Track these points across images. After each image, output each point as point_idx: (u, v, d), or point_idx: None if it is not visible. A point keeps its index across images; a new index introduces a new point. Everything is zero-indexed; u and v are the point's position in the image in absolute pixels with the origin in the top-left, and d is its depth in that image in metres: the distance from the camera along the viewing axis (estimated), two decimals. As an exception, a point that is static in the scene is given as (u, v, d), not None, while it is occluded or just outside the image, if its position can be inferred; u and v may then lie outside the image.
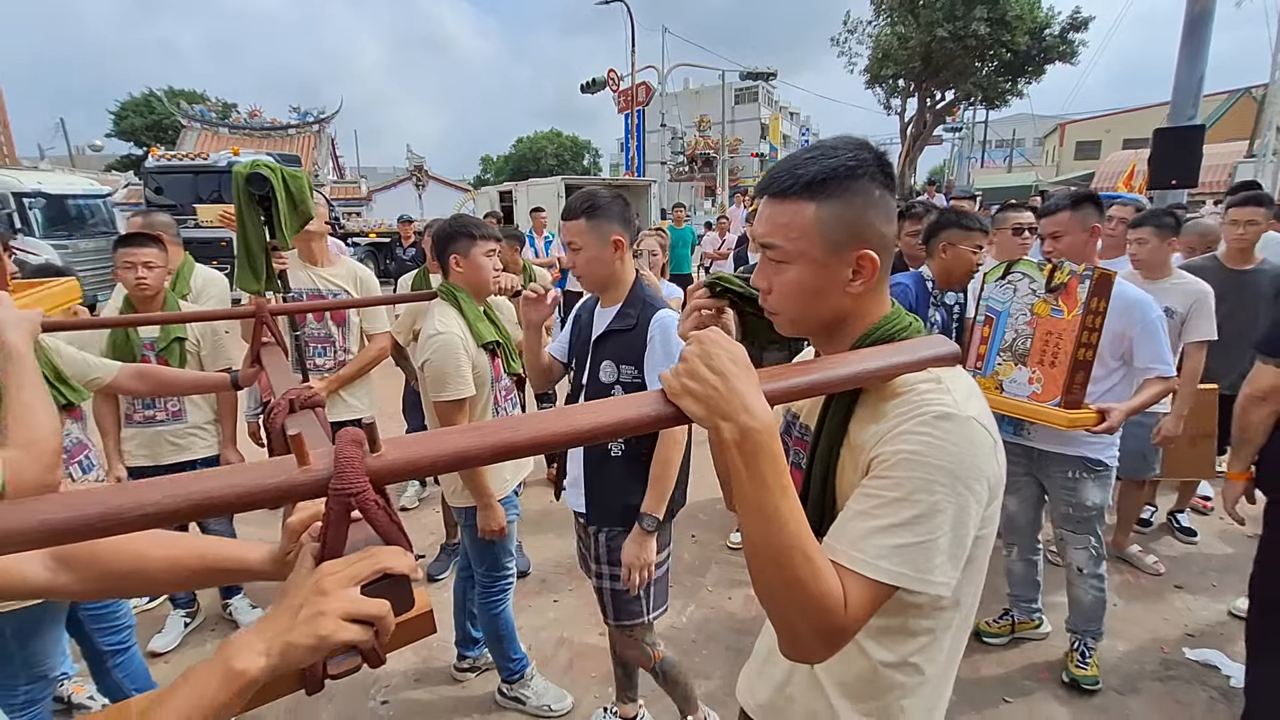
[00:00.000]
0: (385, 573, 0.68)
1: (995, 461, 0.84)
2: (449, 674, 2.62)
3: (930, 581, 0.78)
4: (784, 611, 0.76)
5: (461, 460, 0.74)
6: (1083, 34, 20.49)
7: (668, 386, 0.75)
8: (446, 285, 2.24)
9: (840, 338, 0.92)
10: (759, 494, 0.72)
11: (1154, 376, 2.22)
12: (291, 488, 0.68)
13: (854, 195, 0.85)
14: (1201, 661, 2.57)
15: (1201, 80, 7.43)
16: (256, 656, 0.62)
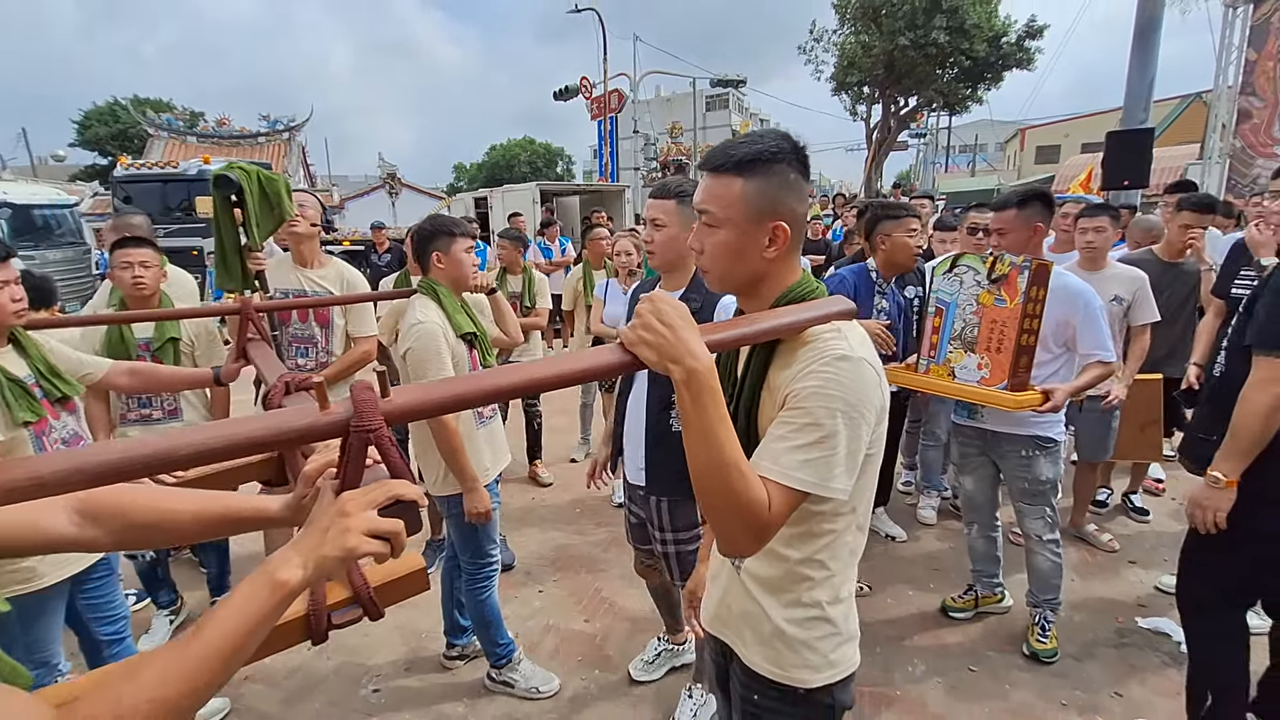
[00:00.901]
0: (398, 499, 0.77)
1: (880, 393, 1.04)
2: (438, 662, 2.68)
3: (831, 488, 0.98)
4: (722, 514, 0.94)
5: (460, 402, 0.85)
6: (1039, 41, 21.20)
7: (625, 338, 0.91)
8: (426, 281, 2.33)
9: (760, 298, 1.11)
10: (702, 421, 0.89)
11: (1094, 361, 2.38)
12: (317, 427, 0.77)
13: (773, 175, 1.04)
14: (1153, 629, 2.74)
15: (1151, 85, 7.78)
16: (295, 569, 0.71)
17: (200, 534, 1.01)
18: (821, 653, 1.15)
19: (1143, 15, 7.44)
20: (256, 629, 0.70)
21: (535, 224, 9.59)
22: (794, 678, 1.16)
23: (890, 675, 2.52)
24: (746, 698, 1.23)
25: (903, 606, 2.97)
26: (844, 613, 1.17)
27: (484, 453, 2.38)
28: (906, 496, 4.02)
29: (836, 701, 1.18)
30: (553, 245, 8.24)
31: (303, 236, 2.90)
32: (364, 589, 1.34)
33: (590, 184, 17.37)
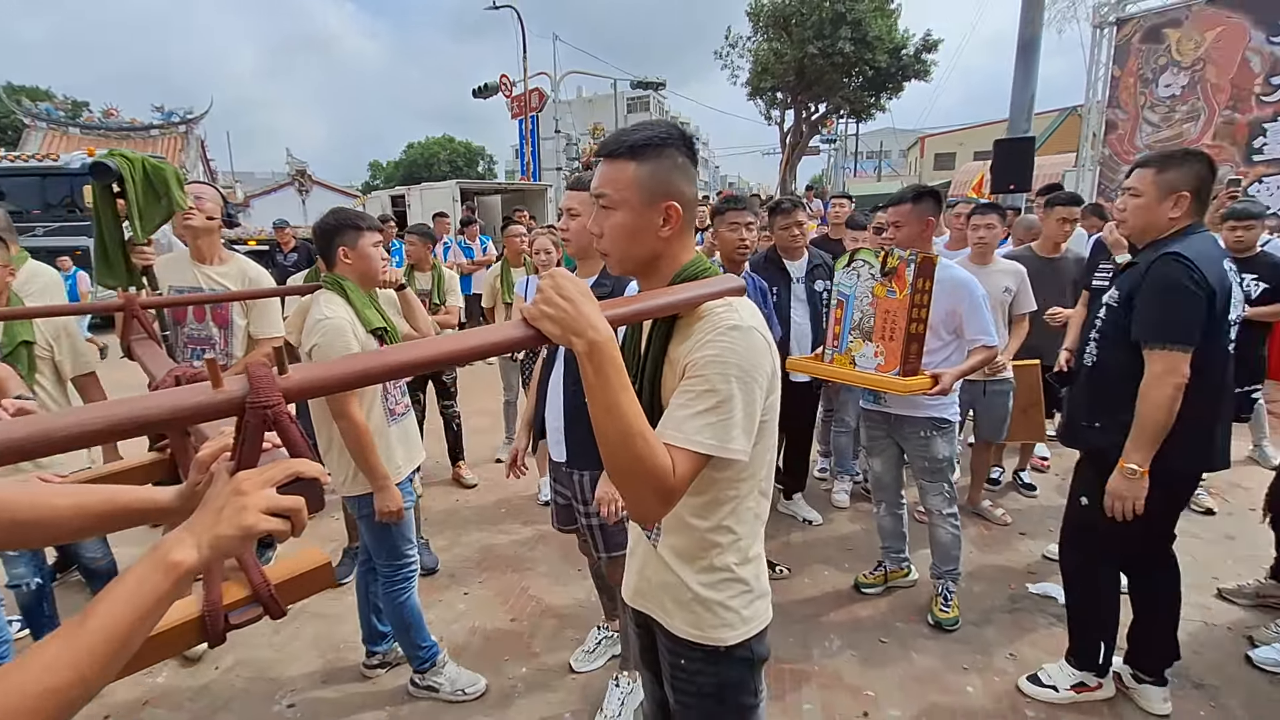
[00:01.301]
0: (298, 475, 0.75)
1: (770, 360, 1.10)
2: (358, 672, 2.59)
3: (731, 449, 1.04)
4: (630, 480, 0.98)
5: (363, 377, 0.83)
6: (934, 55, 22.66)
7: (527, 313, 0.93)
8: (331, 276, 2.24)
9: (658, 277, 1.18)
10: (606, 392, 0.93)
11: (979, 346, 2.58)
12: (210, 405, 0.73)
13: (664, 159, 1.11)
14: (1041, 593, 2.98)
15: (1033, 99, 8.47)
16: (189, 549, 0.68)
17: (82, 529, 0.94)
18: (736, 610, 1.22)
19: (1024, 34, 8.09)
20: (148, 615, 0.66)
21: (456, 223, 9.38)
22: (714, 637, 1.21)
23: (809, 651, 2.63)
24: (674, 663, 1.28)
25: (819, 586, 3.10)
26: (754, 572, 1.24)
27: (396, 450, 2.32)
28: (822, 482, 4.20)
29: (755, 654, 1.26)
30: (474, 244, 8.09)
31: (199, 230, 2.72)
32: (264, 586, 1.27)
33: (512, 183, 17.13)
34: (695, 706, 1.29)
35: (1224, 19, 6.93)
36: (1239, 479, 4.11)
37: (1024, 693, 2.36)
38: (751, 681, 1.28)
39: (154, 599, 0.66)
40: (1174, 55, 7.38)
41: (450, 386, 4.33)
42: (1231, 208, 3.69)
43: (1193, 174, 1.97)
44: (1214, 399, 1.99)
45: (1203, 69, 7.13)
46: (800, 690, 2.42)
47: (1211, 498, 3.72)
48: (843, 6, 20.52)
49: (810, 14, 20.97)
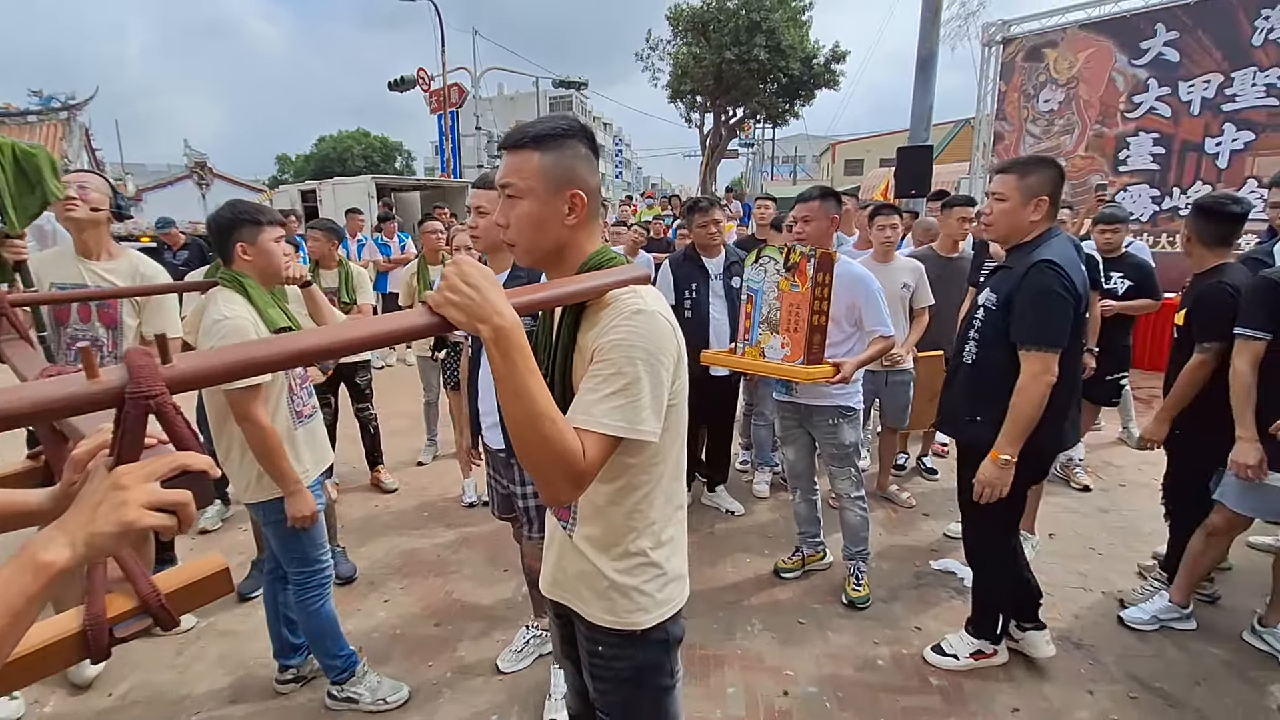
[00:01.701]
0: (184, 469, 0.70)
1: (675, 343, 1.13)
2: (270, 689, 2.46)
3: (640, 430, 1.06)
4: (541, 464, 0.99)
5: (254, 366, 0.79)
6: (842, 65, 23.73)
7: (432, 301, 0.92)
8: (230, 272, 2.12)
9: (565, 267, 1.19)
10: (513, 377, 0.93)
11: (877, 336, 2.74)
12: (85, 397, 0.68)
13: (567, 149, 1.13)
14: (942, 569, 3.19)
15: (931, 110, 9.03)
16: (62, 548, 0.63)
17: None
18: (650, 594, 1.24)
19: (922, 50, 8.62)
20: (16, 619, 0.61)
21: (372, 219, 9.04)
22: (630, 622, 1.24)
23: (732, 636, 2.72)
24: (591, 650, 1.30)
25: (741, 573, 3.20)
26: (667, 555, 1.26)
27: (304, 453, 2.23)
28: (744, 474, 4.33)
29: (670, 635, 1.29)
30: (391, 241, 7.82)
31: (83, 223, 2.52)
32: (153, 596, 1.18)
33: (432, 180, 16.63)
34: (614, 691, 1.31)
35: (1094, 42, 7.64)
36: (1110, 458, 4.55)
37: (929, 662, 2.53)
38: (667, 663, 1.31)
39: (22, 601, 0.61)
40: (1052, 73, 8.07)
41: (365, 389, 4.18)
42: (1101, 212, 4.08)
43: (1049, 179, 2.16)
44: (1070, 388, 2.22)
45: (1076, 86, 7.84)
46: (724, 674, 2.50)
47: (1087, 476, 4.09)
48: (758, 15, 21.16)
49: (727, 21, 21.51)
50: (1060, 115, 8.06)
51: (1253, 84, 6.52)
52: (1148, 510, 3.63)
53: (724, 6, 21.72)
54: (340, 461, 4.30)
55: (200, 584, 1.17)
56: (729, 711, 2.32)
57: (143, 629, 1.15)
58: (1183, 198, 7.04)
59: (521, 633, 2.64)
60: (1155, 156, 7.30)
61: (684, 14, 22.45)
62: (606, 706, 1.34)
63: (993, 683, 2.44)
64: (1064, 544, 3.42)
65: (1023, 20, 8.53)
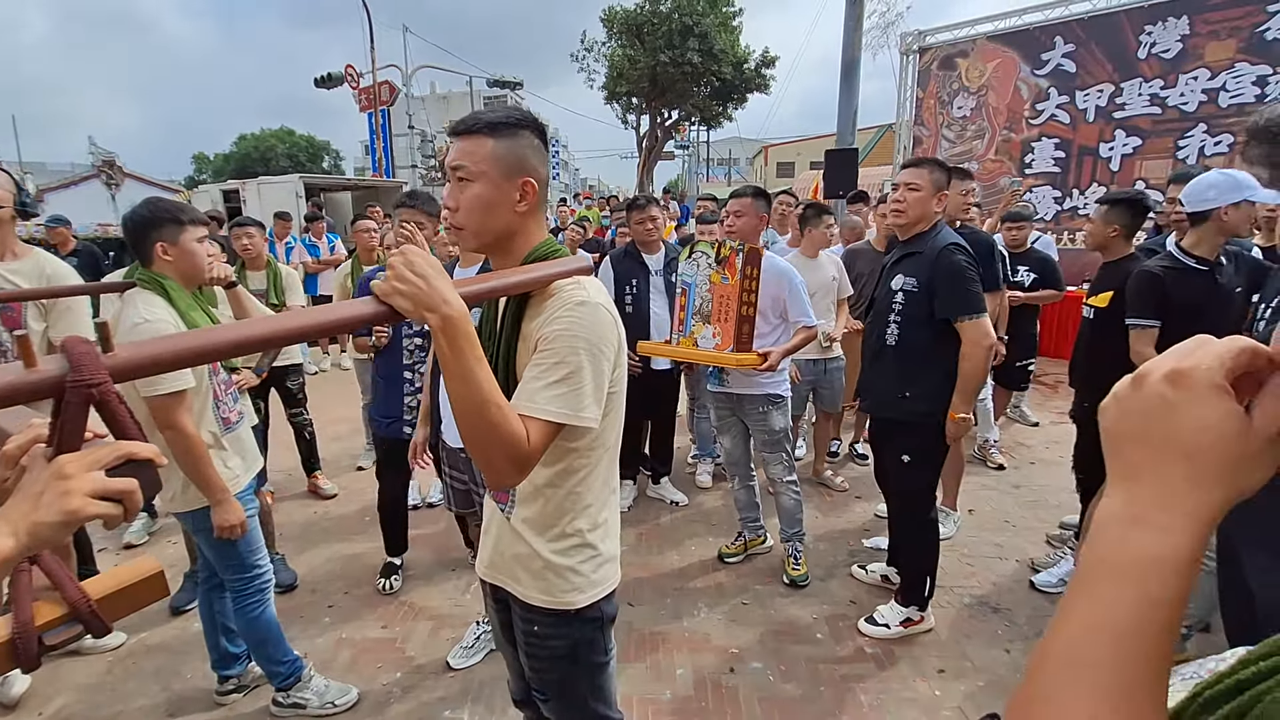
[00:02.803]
0: (129, 457, 0.69)
1: (616, 334, 1.18)
2: (210, 701, 2.40)
3: (582, 417, 1.11)
4: (486, 449, 1.02)
5: (200, 355, 0.79)
6: (772, 70, 24.51)
7: (379, 290, 0.93)
8: (149, 274, 2.04)
9: (512, 255, 1.22)
10: (460, 364, 0.96)
11: (800, 326, 2.90)
12: (25, 385, 0.66)
13: (519, 138, 1.17)
14: (873, 546, 3.38)
15: (856, 114, 9.44)
16: (4, 538, 0.62)
17: None
18: (585, 574, 1.28)
19: (846, 57, 9.01)
20: None
21: (300, 220, 8.73)
22: (564, 601, 1.28)
23: (680, 620, 2.81)
24: (526, 630, 1.34)
25: (687, 560, 3.31)
26: (602, 536, 1.30)
27: (232, 460, 2.18)
28: (687, 466, 4.45)
29: (604, 614, 1.33)
30: (320, 242, 7.59)
31: None
32: (83, 601, 1.13)
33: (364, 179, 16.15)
34: (549, 670, 1.35)
35: (1000, 53, 8.17)
36: (1022, 438, 4.90)
37: (863, 632, 2.69)
38: (601, 641, 1.35)
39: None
40: (964, 81, 8.58)
41: (298, 393, 4.06)
42: (1008, 211, 4.41)
43: (945, 176, 2.50)
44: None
45: (986, 94, 8.36)
46: (672, 655, 2.58)
47: (1002, 455, 4.40)
48: (690, 19, 21.55)
49: (661, 24, 21.81)
50: (972, 121, 8.58)
51: (1139, 94, 7.13)
52: (1056, 485, 3.94)
53: (657, 10, 22.01)
54: (276, 469, 4.17)
55: (133, 588, 1.12)
56: (678, 690, 2.41)
57: (74, 636, 1.11)
58: (1081, 198, 7.61)
59: (472, 629, 2.65)
60: (1056, 160, 7.86)
61: (618, 16, 22.62)
62: (543, 685, 1.38)
63: (921, 647, 2.62)
64: (982, 519, 3.68)
65: (937, 31, 9.03)
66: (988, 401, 4.21)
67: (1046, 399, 5.78)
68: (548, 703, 1.39)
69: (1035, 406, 5.40)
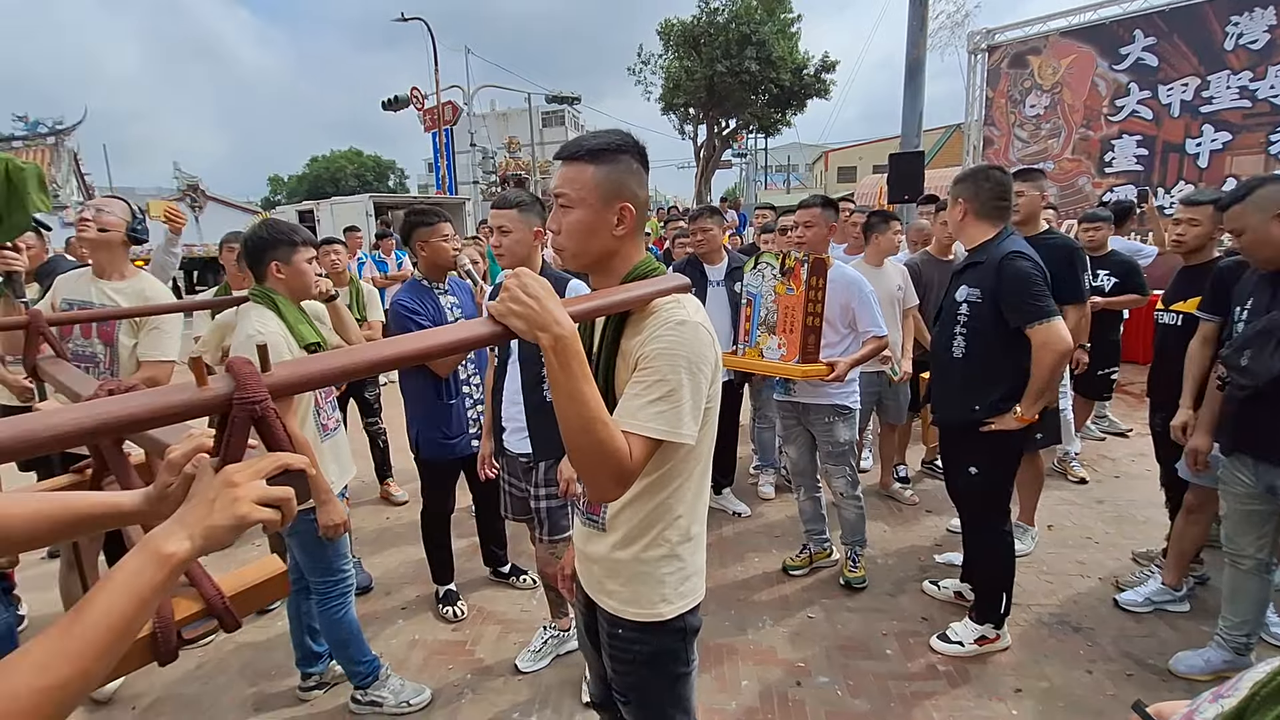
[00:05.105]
0: (285, 468, 0.76)
1: (713, 352, 1.20)
2: (293, 696, 2.52)
3: (681, 434, 1.13)
4: (591, 464, 1.06)
5: (343, 373, 0.86)
6: (832, 75, 24.11)
7: (495, 311, 0.99)
8: (261, 289, 2.19)
9: (611, 275, 1.26)
10: (570, 382, 1.00)
11: (870, 336, 2.85)
12: (198, 403, 0.75)
13: (619, 164, 1.20)
14: (945, 562, 3.27)
15: (921, 116, 9.19)
16: (182, 540, 0.68)
17: (37, 537, 0.89)
18: (672, 586, 1.30)
19: (910, 59, 8.78)
20: (144, 606, 0.66)
21: (370, 238, 9.15)
22: (651, 612, 1.30)
23: (744, 631, 2.79)
24: (611, 634, 1.37)
25: (750, 572, 3.28)
26: (691, 550, 1.32)
27: (330, 466, 2.30)
28: (749, 477, 4.40)
29: (688, 625, 1.35)
30: (389, 259, 7.92)
31: (95, 243, 2.57)
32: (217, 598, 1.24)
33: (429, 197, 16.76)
34: (630, 673, 1.37)
35: (1075, 48, 7.83)
36: (1106, 450, 4.64)
37: (935, 650, 2.60)
38: (684, 652, 1.37)
39: (150, 590, 0.66)
40: (1037, 79, 8.26)
41: (374, 403, 4.25)
42: (1085, 211, 4.21)
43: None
44: None
45: (1060, 92, 8.02)
46: (737, 667, 2.57)
47: (1083, 469, 4.18)
48: (748, 28, 21.49)
49: (718, 35, 21.85)
50: (1046, 120, 8.23)
51: (1226, 86, 6.70)
52: (1142, 500, 3.72)
53: (714, 20, 22.06)
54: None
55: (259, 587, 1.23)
56: (743, 702, 2.39)
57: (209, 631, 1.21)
58: (1167, 197, 7.19)
59: (539, 633, 2.70)
60: (1139, 158, 7.46)
61: (674, 28, 22.78)
62: (623, 688, 1.40)
63: (996, 665, 2.52)
64: (1062, 534, 3.51)
65: (1006, 29, 8.72)
66: (1068, 413, 4.01)
67: (1132, 409, 5.45)
68: (628, 706, 1.41)
69: (1120, 417, 5.11)
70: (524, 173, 24.61)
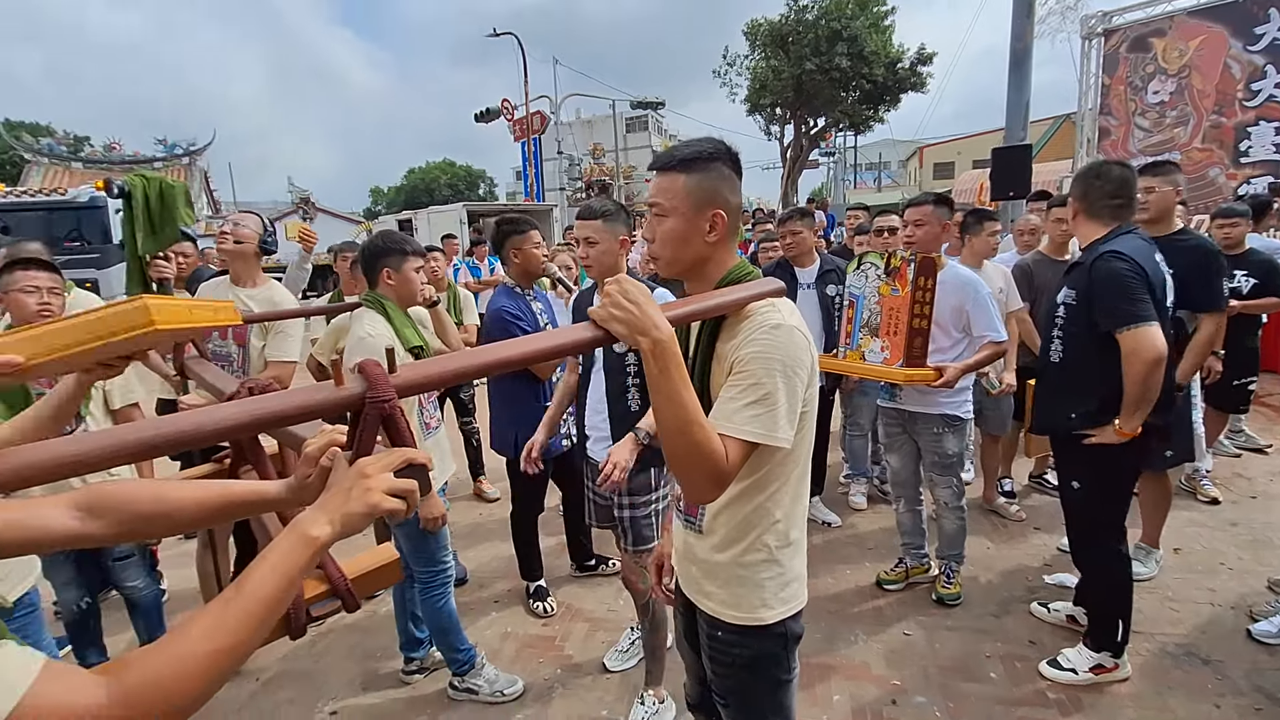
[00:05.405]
0: (409, 462, 0.84)
1: (809, 355, 1.20)
2: (396, 678, 2.67)
3: (777, 438, 1.13)
4: (688, 466, 1.08)
5: (460, 374, 0.93)
6: (929, 67, 23.05)
7: (597, 316, 1.03)
8: (373, 295, 2.35)
9: (705, 280, 1.27)
10: (668, 385, 1.02)
11: (987, 342, 2.69)
12: (337, 401, 0.84)
13: (711, 171, 1.22)
14: (1056, 584, 3.05)
15: (1027, 107, 8.65)
16: (324, 525, 0.77)
17: (199, 520, 1.02)
18: (772, 591, 1.30)
19: (1016, 47, 8.28)
20: (292, 584, 0.75)
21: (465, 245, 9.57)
22: (751, 616, 1.30)
23: (834, 646, 2.71)
24: (710, 635, 1.37)
25: (841, 584, 3.18)
26: (791, 555, 1.32)
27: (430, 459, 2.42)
28: (839, 486, 4.28)
29: (789, 631, 1.34)
30: (482, 265, 8.25)
31: (232, 254, 2.84)
32: (341, 580, 1.37)
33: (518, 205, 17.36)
34: (730, 676, 1.37)
35: (1205, 29, 7.13)
36: (1240, 469, 4.19)
37: (1045, 677, 2.44)
38: (786, 658, 1.36)
39: (297, 568, 0.75)
40: (1161, 63, 7.57)
41: (469, 403, 4.44)
42: (1219, 206, 3.82)
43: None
44: None
45: (1188, 76, 7.31)
46: (829, 682, 2.50)
47: (1215, 488, 3.80)
48: (839, 24, 20.93)
49: (807, 32, 21.39)
50: (1172, 106, 7.55)
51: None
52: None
53: (803, 18, 21.63)
54: (447, 471, 4.57)
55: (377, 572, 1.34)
56: (835, 718, 2.32)
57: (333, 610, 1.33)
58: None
59: (627, 633, 2.74)
60: (1278, 146, 6.70)
61: (761, 28, 22.50)
62: (723, 691, 1.40)
63: (1113, 696, 2.34)
64: (1190, 559, 3.20)
65: (1126, 10, 8.07)
66: (1198, 426, 3.66)
67: (1271, 423, 4.91)
68: (728, 709, 1.41)
69: (1258, 432, 4.61)
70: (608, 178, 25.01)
